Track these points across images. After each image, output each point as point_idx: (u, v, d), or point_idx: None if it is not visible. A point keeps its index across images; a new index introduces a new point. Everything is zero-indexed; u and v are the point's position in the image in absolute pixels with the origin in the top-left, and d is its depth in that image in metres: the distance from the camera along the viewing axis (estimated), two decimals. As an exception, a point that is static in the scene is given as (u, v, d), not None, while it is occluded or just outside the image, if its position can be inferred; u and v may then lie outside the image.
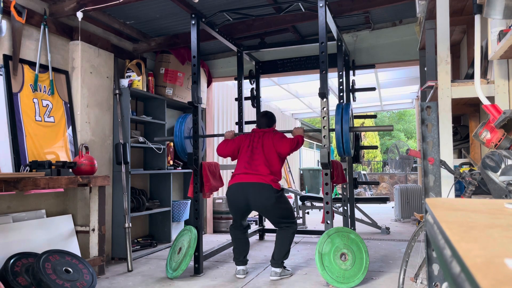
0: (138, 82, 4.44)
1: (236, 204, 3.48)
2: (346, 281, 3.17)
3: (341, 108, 3.46)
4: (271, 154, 3.49)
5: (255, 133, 3.67)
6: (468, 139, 3.25)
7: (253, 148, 3.54)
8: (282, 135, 3.62)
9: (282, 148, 3.50)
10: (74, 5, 3.64)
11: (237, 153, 3.65)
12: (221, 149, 3.73)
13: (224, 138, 3.86)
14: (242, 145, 3.62)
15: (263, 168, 3.43)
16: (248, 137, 3.65)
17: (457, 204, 0.77)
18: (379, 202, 6.63)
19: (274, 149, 3.50)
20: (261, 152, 3.50)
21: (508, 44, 1.90)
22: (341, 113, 3.40)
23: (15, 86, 3.38)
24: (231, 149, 3.67)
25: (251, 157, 3.51)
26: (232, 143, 3.69)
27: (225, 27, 4.51)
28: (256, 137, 3.61)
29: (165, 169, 4.83)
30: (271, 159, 3.48)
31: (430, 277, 1.30)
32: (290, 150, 3.51)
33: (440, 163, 1.38)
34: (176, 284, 3.36)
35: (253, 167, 3.45)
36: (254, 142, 3.58)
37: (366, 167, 17.82)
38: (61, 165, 3.37)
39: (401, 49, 5.02)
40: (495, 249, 0.42)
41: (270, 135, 3.59)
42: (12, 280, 2.78)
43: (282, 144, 3.51)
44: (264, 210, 3.47)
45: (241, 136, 3.74)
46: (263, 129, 3.68)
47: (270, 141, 3.53)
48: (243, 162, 3.52)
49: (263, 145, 3.53)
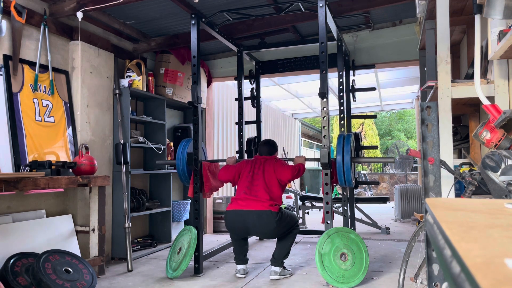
0: (138, 82, 4.44)
1: (235, 230, 3.49)
2: (346, 281, 3.17)
3: (343, 138, 3.49)
4: (272, 180, 3.49)
5: (256, 159, 3.68)
6: (468, 139, 3.25)
7: (253, 174, 3.55)
8: (283, 162, 3.63)
9: (283, 175, 3.50)
10: (74, 5, 3.64)
11: (237, 178, 3.65)
12: (223, 174, 3.75)
13: (226, 163, 3.88)
14: (243, 170, 3.63)
15: (263, 193, 3.42)
16: (250, 163, 3.66)
17: (457, 204, 0.77)
18: (379, 202, 6.63)
19: (275, 176, 3.50)
20: (262, 178, 3.50)
21: (508, 44, 1.90)
22: (343, 143, 3.43)
23: (15, 86, 3.38)
24: (232, 173, 3.68)
25: (251, 182, 3.51)
26: (233, 168, 3.71)
27: (225, 27, 4.51)
28: (258, 163, 3.62)
29: (165, 169, 4.83)
30: (271, 185, 3.48)
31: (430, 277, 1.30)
32: (292, 177, 3.51)
33: (440, 163, 1.38)
34: (176, 284, 3.36)
35: (253, 192, 3.45)
36: (255, 168, 3.59)
37: (366, 167, 17.82)
38: (61, 165, 3.37)
39: (401, 49, 5.02)
40: (495, 249, 0.42)
41: (271, 162, 3.60)
42: (12, 280, 2.78)
43: (283, 171, 3.51)
44: (265, 235, 3.51)
45: (243, 161, 3.75)
46: (265, 156, 3.69)
47: (271, 168, 3.54)
48: (243, 187, 3.52)
49: (264, 171, 3.53)
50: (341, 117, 4.97)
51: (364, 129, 18.47)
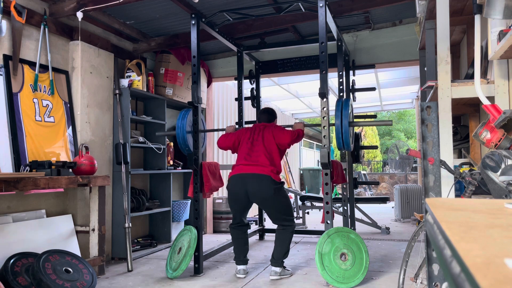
0: (138, 82, 4.44)
1: (236, 195, 3.48)
2: (346, 281, 3.17)
3: (341, 103, 3.46)
4: (271, 146, 3.51)
5: (255, 126, 3.69)
6: (468, 139, 3.25)
7: (253, 140, 3.56)
8: (282, 127, 3.64)
9: (282, 139, 3.51)
10: (74, 5, 3.64)
11: (237, 145, 3.66)
12: (222, 141, 3.74)
13: (225, 131, 3.87)
14: (242, 137, 3.64)
15: (263, 159, 3.44)
16: (249, 130, 3.66)
17: (457, 204, 0.77)
18: (379, 202, 6.63)
19: (274, 141, 3.52)
20: (261, 144, 3.51)
21: (508, 44, 1.90)
22: (341, 108, 3.41)
23: (15, 86, 3.38)
24: (231, 140, 3.68)
25: (251, 149, 3.52)
26: (232, 135, 3.70)
27: (225, 27, 4.51)
28: (257, 130, 3.62)
29: (165, 169, 4.83)
30: (271, 151, 3.49)
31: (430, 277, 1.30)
32: (291, 141, 3.51)
33: (440, 163, 1.38)
34: (176, 284, 3.36)
35: (253, 158, 3.46)
36: (254, 134, 3.59)
37: (366, 167, 17.82)
38: (61, 165, 3.37)
39: (401, 49, 5.02)
40: (495, 249, 0.42)
41: (270, 128, 3.60)
42: (12, 280, 2.78)
43: (282, 135, 3.52)
44: (263, 201, 3.46)
45: (242, 129, 3.75)
46: (264, 123, 3.69)
47: (270, 134, 3.55)
48: (243, 154, 3.54)
49: (264, 137, 3.54)
50: (341, 117, 4.97)
51: (364, 129, 18.47)
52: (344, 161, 4.99)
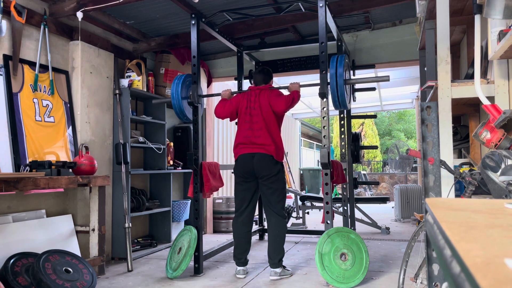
0: (138, 82, 4.44)
1: (244, 169, 3.53)
2: (346, 281, 3.17)
3: (336, 60, 3.38)
4: (269, 115, 3.52)
5: (251, 91, 3.66)
6: (468, 139, 3.25)
7: (251, 109, 3.55)
8: (278, 92, 3.61)
9: (278, 106, 3.51)
10: (74, 5, 3.64)
11: (235, 114, 3.67)
12: (219, 110, 3.72)
13: (221, 97, 3.84)
14: (240, 106, 3.63)
15: (265, 136, 3.47)
16: (245, 97, 3.63)
17: (457, 204, 0.77)
18: (379, 202, 6.63)
19: (271, 110, 3.53)
20: (260, 114, 3.51)
21: (508, 44, 1.90)
22: (336, 65, 3.33)
23: (15, 86, 3.38)
24: (229, 110, 3.68)
25: (250, 121, 3.53)
26: (229, 104, 3.68)
27: (225, 27, 4.51)
28: (253, 96, 3.59)
29: (165, 169, 4.83)
30: (270, 122, 3.51)
31: (430, 277, 1.30)
32: (286, 107, 3.51)
33: (440, 163, 1.38)
34: (176, 284, 3.36)
35: (255, 133, 3.50)
36: (251, 102, 3.58)
37: (366, 167, 17.82)
38: (61, 165, 3.37)
39: (401, 49, 5.02)
40: (495, 249, 0.42)
41: (266, 93, 3.58)
42: (12, 280, 2.78)
43: (277, 102, 3.51)
44: (264, 175, 3.50)
45: (238, 96, 3.72)
46: (259, 87, 3.67)
47: (266, 101, 3.54)
48: (244, 130, 3.55)
49: (261, 106, 3.53)
50: (341, 117, 4.98)
51: (364, 129, 18.47)
52: (344, 161, 4.99)
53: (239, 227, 3.61)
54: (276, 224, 3.50)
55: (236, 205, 3.67)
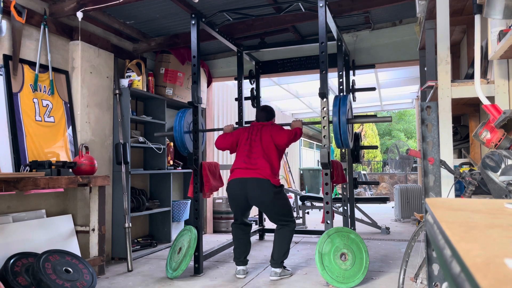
0: (138, 82, 4.44)
1: (236, 199, 3.48)
2: (346, 281, 3.17)
3: (339, 99, 3.43)
4: (270, 147, 3.49)
5: (253, 126, 3.67)
6: (468, 139, 3.25)
7: (251, 141, 3.54)
8: (280, 127, 3.61)
9: (280, 139, 3.49)
10: (74, 5, 3.64)
11: (235, 146, 3.65)
12: (220, 142, 3.73)
13: (223, 131, 3.86)
14: (240, 138, 3.62)
15: (262, 162, 3.43)
16: (247, 130, 3.64)
17: (457, 204, 0.77)
18: (379, 202, 6.63)
19: (272, 142, 3.50)
20: (260, 145, 3.49)
21: (508, 44, 1.90)
22: (339, 105, 3.38)
23: (15, 86, 3.38)
24: (229, 141, 3.67)
25: (249, 151, 3.50)
26: (230, 136, 3.69)
27: (225, 27, 4.51)
28: (255, 130, 3.60)
29: (165, 169, 4.83)
30: (270, 153, 3.48)
31: (430, 277, 1.30)
32: (288, 141, 3.50)
33: (440, 163, 1.38)
34: (176, 284, 3.36)
35: (252, 161, 3.45)
36: (252, 135, 3.57)
37: (366, 167, 17.82)
38: (61, 165, 3.37)
39: (401, 49, 5.02)
40: (495, 249, 0.42)
41: (268, 128, 3.58)
42: (12, 280, 2.78)
43: (280, 135, 3.50)
44: (262, 205, 3.48)
45: (240, 129, 3.73)
46: (262, 122, 3.67)
47: (268, 134, 3.53)
48: (242, 156, 3.52)
49: (262, 138, 3.52)
50: (341, 117, 4.97)
51: (364, 129, 18.47)
52: (344, 161, 4.99)
53: (238, 230, 3.65)
54: (283, 227, 3.54)
55: (233, 213, 3.69)
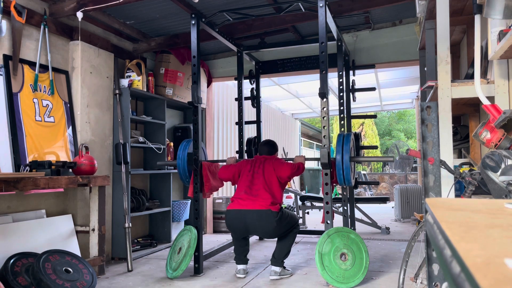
0: (138, 82, 4.44)
1: (235, 230, 3.49)
2: (346, 281, 3.17)
3: (342, 137, 3.49)
4: (272, 178, 3.49)
5: (256, 159, 3.69)
6: (468, 139, 3.25)
7: (254, 173, 3.55)
8: (283, 161, 3.64)
9: (282, 172, 3.50)
10: (74, 5, 3.64)
11: (237, 176, 3.66)
12: (222, 173, 3.76)
13: (226, 163, 3.88)
14: (243, 169, 3.63)
15: (263, 192, 3.42)
16: (250, 163, 3.66)
17: (457, 204, 0.77)
18: (379, 202, 6.63)
19: (275, 174, 3.50)
20: (262, 177, 3.50)
21: (508, 44, 1.90)
22: (342, 143, 3.43)
23: (15, 86, 3.38)
24: (232, 172, 3.69)
25: (251, 182, 3.51)
26: (233, 167, 3.71)
27: (225, 27, 4.51)
28: (258, 163, 3.62)
29: (165, 169, 4.83)
30: (271, 184, 3.47)
31: (430, 277, 1.30)
32: (291, 173, 3.51)
33: (440, 163, 1.38)
34: (176, 284, 3.36)
35: (253, 191, 3.45)
36: (255, 167, 3.59)
37: (366, 167, 17.82)
38: (61, 165, 3.37)
39: (401, 49, 5.02)
40: (495, 249, 0.42)
41: (271, 161, 3.60)
42: (12, 280, 2.78)
43: (282, 168, 3.51)
44: (265, 234, 3.51)
45: (243, 161, 3.75)
46: (265, 156, 3.69)
47: (271, 166, 3.54)
48: (243, 187, 3.52)
49: (264, 170, 3.53)
50: (341, 117, 4.97)
51: (364, 129, 18.47)
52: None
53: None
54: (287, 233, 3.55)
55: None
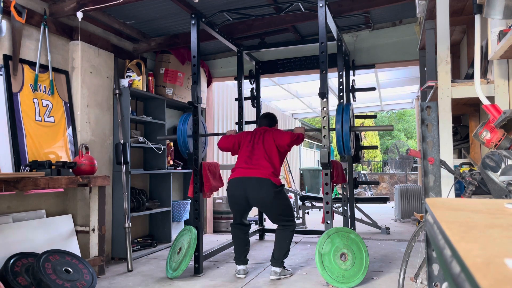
0: (138, 82, 4.44)
1: (236, 198, 3.48)
2: (346, 281, 3.17)
3: (342, 108, 3.46)
4: (272, 148, 3.51)
5: (256, 131, 3.70)
6: (468, 139, 3.25)
7: (254, 143, 3.57)
8: (282, 130, 3.66)
9: (282, 140, 3.51)
10: (74, 5, 3.64)
11: (237, 147, 3.67)
12: (222, 142, 3.76)
13: (227, 134, 3.88)
14: (243, 140, 3.65)
15: (263, 161, 3.45)
16: (250, 134, 3.68)
17: (457, 204, 0.77)
18: (379, 202, 6.63)
19: (275, 144, 3.52)
20: (262, 147, 3.52)
21: (508, 44, 1.90)
22: (342, 113, 3.41)
23: (15, 86, 3.38)
24: (231, 142, 3.69)
25: (251, 152, 3.53)
26: (233, 137, 3.72)
27: (225, 27, 4.51)
28: (258, 134, 3.63)
29: (165, 169, 4.83)
30: (271, 154, 3.50)
31: (430, 277, 1.30)
32: (290, 141, 3.51)
33: (440, 163, 1.38)
34: (176, 284, 3.36)
35: (254, 161, 3.47)
36: (255, 138, 3.60)
37: (366, 167, 17.82)
38: (61, 165, 3.37)
39: (401, 49, 5.02)
40: (495, 249, 0.42)
41: (271, 132, 3.62)
42: (12, 280, 2.78)
43: (282, 137, 3.53)
44: (262, 205, 3.47)
45: (243, 132, 3.77)
46: (265, 127, 3.70)
47: (270, 137, 3.56)
48: (243, 157, 3.54)
49: (264, 141, 3.55)
50: (341, 117, 4.97)
51: (364, 129, 18.44)
52: (344, 161, 4.99)
53: (237, 231, 3.65)
54: (284, 228, 3.54)
55: (232, 213, 3.69)
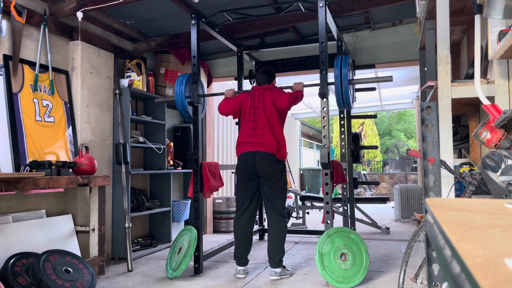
0: (138, 82, 4.44)
1: (245, 168, 3.53)
2: (346, 281, 3.17)
3: (340, 60, 3.42)
4: (273, 114, 3.53)
5: (255, 91, 3.68)
6: (468, 139, 3.25)
7: (255, 109, 3.57)
8: (281, 90, 3.63)
9: (281, 103, 3.51)
10: (74, 5, 3.64)
11: (238, 112, 3.68)
12: (223, 107, 3.74)
13: (225, 96, 3.85)
14: (243, 106, 3.64)
15: (268, 136, 3.49)
16: (249, 97, 3.66)
17: (457, 204, 0.77)
18: (379, 202, 6.63)
19: (274, 108, 3.53)
20: (263, 114, 3.53)
21: (508, 44, 1.90)
22: (340, 66, 3.38)
23: (15, 86, 3.38)
24: (232, 107, 3.69)
25: (254, 121, 3.55)
26: (233, 101, 3.70)
27: (225, 27, 4.51)
28: (257, 96, 3.62)
29: (165, 169, 4.83)
30: (273, 120, 3.52)
31: (430, 277, 1.30)
32: (289, 103, 3.52)
33: (440, 163, 1.38)
34: (176, 284, 3.36)
35: (258, 133, 3.52)
36: (255, 102, 3.60)
37: (366, 167, 17.82)
38: (61, 165, 3.37)
39: (401, 49, 5.02)
40: (495, 249, 0.42)
41: (269, 93, 3.60)
42: (12, 280, 2.78)
43: (280, 99, 3.53)
44: (267, 177, 3.51)
45: (242, 95, 3.74)
46: (263, 86, 3.68)
47: (269, 99, 3.56)
48: (247, 128, 3.57)
49: (264, 105, 3.55)
50: (341, 117, 4.98)
51: (364, 129, 18.47)
52: (344, 161, 4.99)
53: (240, 227, 3.60)
54: (277, 224, 3.50)
55: (237, 204, 3.66)
